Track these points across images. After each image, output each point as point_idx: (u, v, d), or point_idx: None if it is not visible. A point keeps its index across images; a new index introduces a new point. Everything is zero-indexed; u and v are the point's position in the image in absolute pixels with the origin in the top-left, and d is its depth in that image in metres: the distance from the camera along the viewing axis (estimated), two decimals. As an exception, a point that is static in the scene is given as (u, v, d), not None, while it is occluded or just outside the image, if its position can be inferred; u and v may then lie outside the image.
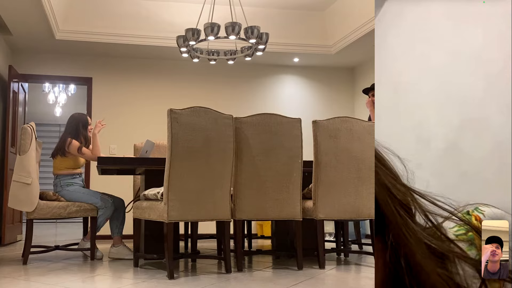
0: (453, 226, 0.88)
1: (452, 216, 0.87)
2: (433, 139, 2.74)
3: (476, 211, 0.90)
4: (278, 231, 4.37)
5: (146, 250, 3.77)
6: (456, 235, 0.87)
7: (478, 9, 2.36)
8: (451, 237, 0.84)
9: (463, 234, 0.87)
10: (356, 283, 3.24)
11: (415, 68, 2.82)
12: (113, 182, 5.78)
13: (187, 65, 6.46)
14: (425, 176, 2.75)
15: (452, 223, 0.89)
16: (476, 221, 0.87)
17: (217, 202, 3.33)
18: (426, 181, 3.07)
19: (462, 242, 0.85)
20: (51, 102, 8.95)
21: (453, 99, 2.63)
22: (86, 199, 4.12)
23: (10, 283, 3.05)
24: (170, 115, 3.19)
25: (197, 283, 2.99)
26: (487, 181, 2.44)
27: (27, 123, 4.15)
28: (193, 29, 4.32)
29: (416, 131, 2.81)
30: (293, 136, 3.62)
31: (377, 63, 3.29)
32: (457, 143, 2.61)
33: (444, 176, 2.67)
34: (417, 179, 2.61)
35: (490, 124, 2.44)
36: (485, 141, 2.47)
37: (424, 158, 2.78)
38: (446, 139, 2.67)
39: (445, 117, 2.67)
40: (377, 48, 3.08)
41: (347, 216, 3.70)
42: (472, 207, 0.91)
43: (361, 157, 3.69)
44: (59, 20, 5.46)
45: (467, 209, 0.90)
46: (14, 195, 3.85)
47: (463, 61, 2.56)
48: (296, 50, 6.25)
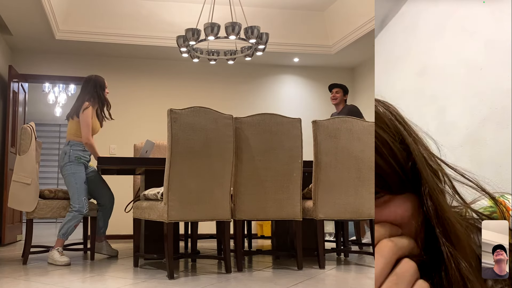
0: (482, 206, 0.89)
1: (481, 197, 0.88)
2: (454, 126, 2.70)
3: (502, 197, 0.91)
4: (278, 231, 4.37)
5: (146, 250, 3.77)
6: (483, 214, 0.87)
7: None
8: (476, 216, 0.85)
9: (489, 214, 0.87)
10: (356, 283, 3.24)
11: (444, 52, 2.77)
12: (113, 182, 5.78)
13: (187, 65, 6.46)
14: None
15: (480, 203, 0.90)
16: (502, 205, 0.88)
17: (217, 202, 3.33)
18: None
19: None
20: (51, 102, 8.95)
21: (480, 88, 2.58)
22: (72, 193, 3.91)
23: (10, 283, 3.05)
24: (170, 115, 3.19)
25: (197, 283, 2.99)
26: (505, 173, 2.40)
27: (27, 123, 4.15)
28: (193, 29, 4.32)
29: (439, 116, 2.77)
30: (293, 136, 3.62)
31: (377, 50, 3.27)
32: (479, 132, 2.58)
33: (461, 164, 2.65)
34: None
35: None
36: (508, 133, 2.43)
37: (443, 144, 2.76)
38: (468, 127, 2.64)
39: (470, 106, 2.63)
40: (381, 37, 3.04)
41: (347, 216, 3.70)
42: (498, 194, 0.92)
43: (361, 157, 3.69)
44: (59, 20, 5.46)
45: (494, 196, 0.91)
46: (14, 195, 3.85)
47: (495, 51, 2.50)
48: (296, 50, 6.25)
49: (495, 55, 2.48)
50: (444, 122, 2.76)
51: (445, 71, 2.78)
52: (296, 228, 3.62)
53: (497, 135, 2.47)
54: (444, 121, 2.76)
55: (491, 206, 0.89)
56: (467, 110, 2.64)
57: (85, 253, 4.30)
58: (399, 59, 3.00)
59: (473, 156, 2.60)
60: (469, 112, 2.62)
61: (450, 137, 2.73)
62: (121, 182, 5.58)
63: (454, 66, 2.70)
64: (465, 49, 2.65)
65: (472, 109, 2.61)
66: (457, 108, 2.70)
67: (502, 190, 0.97)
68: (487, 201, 0.91)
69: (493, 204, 0.89)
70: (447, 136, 2.74)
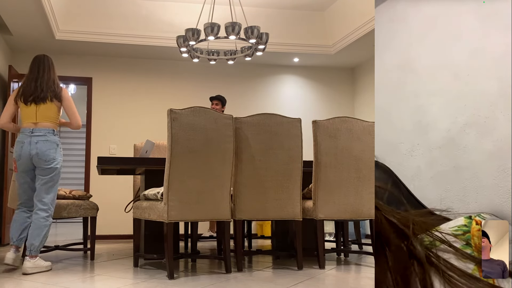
0: (453, 225, 0.93)
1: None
2: (433, 128, 2.72)
3: (478, 216, 0.95)
4: (278, 231, 4.37)
5: (146, 250, 3.78)
6: (455, 235, 0.91)
7: (507, 12, 2.31)
8: (450, 236, 0.90)
9: (461, 234, 0.91)
10: (356, 283, 3.24)
11: (430, 53, 2.78)
12: (113, 182, 5.79)
13: (187, 65, 6.46)
14: (416, 162, 2.75)
15: (452, 223, 0.94)
16: (476, 225, 0.92)
17: (217, 202, 3.34)
18: (417, 167, 3.08)
19: (459, 241, 0.90)
20: (51, 102, 8.93)
21: (464, 94, 2.60)
22: (54, 193, 3.55)
23: (10, 283, 3.05)
24: (170, 115, 3.19)
25: (197, 283, 2.99)
26: (480, 180, 2.43)
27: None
28: (193, 29, 4.32)
29: (417, 116, 2.79)
30: (293, 136, 3.62)
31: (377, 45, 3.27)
32: (457, 138, 2.59)
33: (437, 166, 2.66)
34: (408, 163, 2.64)
35: (495, 127, 2.42)
36: (486, 142, 2.46)
37: (419, 144, 2.76)
38: (446, 131, 2.65)
39: (451, 111, 2.64)
40: (380, 31, 3.05)
41: (347, 216, 3.70)
42: (475, 214, 0.96)
43: (361, 157, 3.70)
44: (59, 20, 5.47)
45: (470, 215, 0.95)
46: (14, 195, 3.85)
47: (481, 60, 2.52)
48: (296, 50, 6.25)
49: (482, 63, 2.51)
50: (422, 121, 2.77)
51: (428, 71, 2.79)
52: (296, 228, 3.62)
53: (477, 142, 2.50)
54: (423, 120, 2.77)
55: (465, 225, 0.93)
56: (448, 112, 2.65)
57: (85, 253, 4.30)
58: (385, 51, 3.00)
59: (451, 159, 2.61)
60: (450, 115, 2.64)
61: (428, 137, 2.74)
62: (121, 182, 5.59)
63: (438, 68, 2.72)
64: (451, 53, 2.67)
65: (454, 112, 2.62)
66: (437, 109, 2.71)
67: (470, 196, 1.02)
68: (462, 220, 0.95)
69: (467, 223, 0.93)
70: (425, 136, 2.75)
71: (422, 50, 2.82)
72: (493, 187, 2.29)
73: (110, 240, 4.44)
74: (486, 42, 2.49)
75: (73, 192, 4.13)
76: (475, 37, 2.55)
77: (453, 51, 2.66)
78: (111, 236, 5.85)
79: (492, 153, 2.40)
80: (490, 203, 2.30)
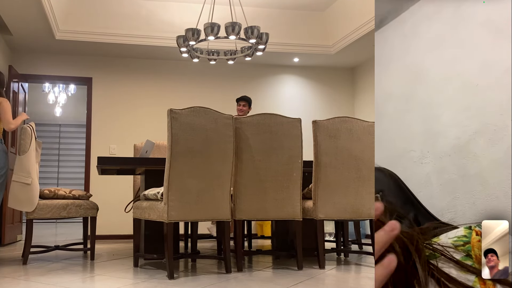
0: (453, 236, 0.93)
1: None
2: (443, 137, 2.72)
3: (478, 226, 0.95)
4: (278, 231, 4.37)
5: (146, 250, 3.77)
6: (455, 245, 0.91)
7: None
8: (450, 247, 0.92)
9: (461, 245, 0.92)
10: (356, 283, 3.24)
11: (441, 64, 2.79)
12: (113, 182, 5.79)
13: (187, 65, 6.46)
14: (426, 169, 2.75)
15: (453, 234, 0.94)
16: (476, 236, 0.92)
17: (217, 202, 3.33)
18: (425, 174, 3.06)
19: (460, 252, 0.89)
20: (51, 102, 8.95)
21: (474, 104, 2.61)
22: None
23: (10, 283, 3.05)
24: (170, 115, 3.19)
25: (197, 283, 2.99)
26: (489, 188, 2.43)
27: (27, 123, 4.15)
28: (193, 29, 4.32)
29: (428, 123, 2.79)
30: (293, 136, 3.62)
31: (377, 53, 3.28)
32: (469, 145, 2.60)
33: (447, 174, 2.66)
34: (417, 170, 2.64)
35: (505, 136, 2.43)
36: (496, 151, 2.46)
37: (429, 152, 2.77)
38: (458, 138, 2.65)
39: (461, 119, 2.65)
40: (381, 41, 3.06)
41: (347, 216, 3.70)
42: (475, 224, 0.96)
43: (361, 157, 3.69)
44: (59, 20, 5.46)
45: (470, 225, 0.95)
46: (14, 195, 3.85)
47: (491, 70, 2.53)
48: (296, 50, 6.25)
49: (492, 75, 2.51)
50: (432, 130, 2.78)
51: (439, 82, 2.80)
52: (296, 228, 3.62)
53: (487, 150, 2.50)
54: (432, 128, 2.78)
55: (465, 235, 0.93)
56: (458, 121, 2.66)
57: (85, 253, 4.30)
58: (393, 63, 3.02)
59: (460, 167, 2.61)
60: (460, 124, 2.65)
61: (437, 145, 2.75)
62: (121, 182, 5.58)
63: (449, 79, 2.73)
64: (462, 64, 2.68)
65: (463, 121, 2.63)
66: (447, 118, 2.72)
67: (478, 204, 1.02)
68: (462, 230, 0.95)
69: (467, 234, 0.93)
70: (434, 144, 2.76)
71: (433, 62, 2.83)
72: (503, 196, 2.29)
73: (110, 240, 4.44)
74: (496, 53, 2.49)
75: (73, 192, 4.13)
76: (486, 49, 2.56)
77: (464, 62, 2.67)
78: (111, 236, 5.85)
79: (502, 161, 2.40)
80: (499, 211, 2.29)
